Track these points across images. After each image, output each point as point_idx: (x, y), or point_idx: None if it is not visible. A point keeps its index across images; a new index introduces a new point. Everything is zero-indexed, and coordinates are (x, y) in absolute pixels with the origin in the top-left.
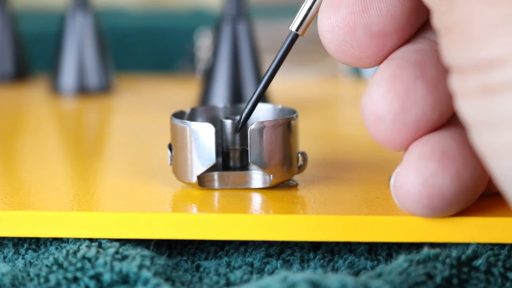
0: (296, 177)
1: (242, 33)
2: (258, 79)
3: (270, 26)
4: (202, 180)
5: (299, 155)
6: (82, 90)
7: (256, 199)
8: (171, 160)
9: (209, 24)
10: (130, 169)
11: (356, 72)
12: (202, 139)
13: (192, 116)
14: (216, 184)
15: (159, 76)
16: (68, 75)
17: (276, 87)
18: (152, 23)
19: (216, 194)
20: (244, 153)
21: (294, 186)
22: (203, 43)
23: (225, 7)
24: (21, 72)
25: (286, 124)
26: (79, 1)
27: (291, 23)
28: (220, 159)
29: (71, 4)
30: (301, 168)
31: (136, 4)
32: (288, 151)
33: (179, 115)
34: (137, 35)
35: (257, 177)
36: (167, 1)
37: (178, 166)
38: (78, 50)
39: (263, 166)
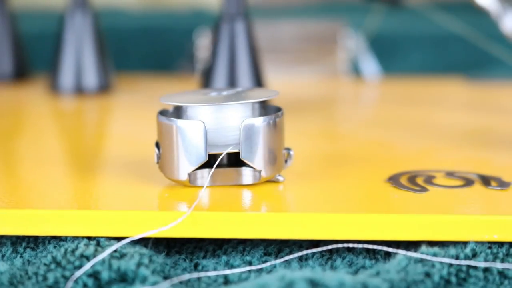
0: (296, 175)
1: (240, 33)
2: (257, 78)
3: (269, 26)
4: (193, 178)
5: (285, 151)
6: (81, 90)
7: (251, 196)
8: (157, 159)
9: (208, 24)
10: (128, 168)
11: (356, 71)
12: (192, 136)
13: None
14: (207, 182)
15: (159, 76)
16: (67, 75)
17: (276, 86)
18: (152, 23)
19: (211, 191)
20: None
21: (283, 182)
22: (202, 43)
23: (224, 7)
24: (21, 72)
25: (273, 121)
26: (79, 1)
27: None
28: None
29: (71, 4)
30: (287, 163)
31: (136, 4)
32: (277, 148)
33: (165, 112)
34: (137, 35)
35: (247, 173)
36: (167, 1)
37: (166, 164)
38: (77, 50)
39: (254, 163)
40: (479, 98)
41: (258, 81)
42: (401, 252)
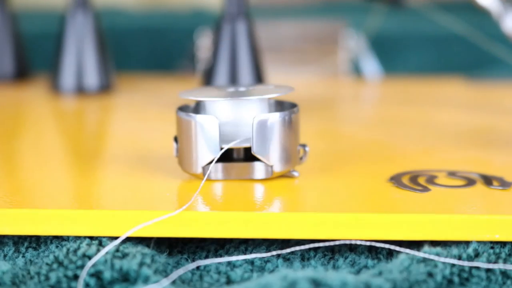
0: (298, 173)
1: (241, 33)
2: (258, 78)
3: (269, 26)
4: (207, 171)
5: (300, 147)
6: (82, 90)
7: (254, 194)
8: (176, 152)
9: (209, 24)
10: (130, 167)
11: (356, 71)
12: (207, 131)
13: (197, 110)
14: (220, 175)
15: (159, 76)
16: (68, 75)
17: None
18: (152, 23)
19: (217, 188)
20: None
21: (296, 178)
22: (203, 43)
23: (225, 7)
24: (21, 72)
25: (287, 117)
26: (79, 1)
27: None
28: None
29: (71, 4)
30: (302, 160)
31: (136, 4)
32: (290, 143)
33: (184, 108)
34: (137, 35)
35: (260, 168)
36: (167, 1)
37: (183, 157)
38: (78, 50)
39: (265, 157)
40: (480, 98)
41: (259, 81)
42: (405, 251)
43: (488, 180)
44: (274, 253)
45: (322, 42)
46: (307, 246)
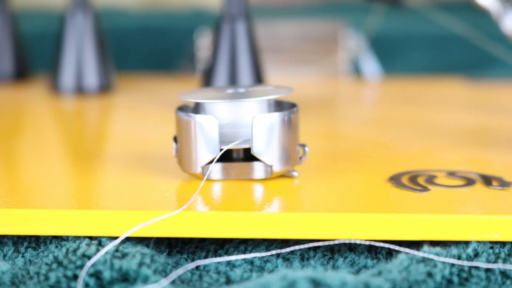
0: (297, 173)
1: (241, 33)
2: (257, 78)
3: (269, 26)
4: (207, 171)
5: (300, 147)
6: (82, 90)
7: (254, 194)
8: (176, 152)
9: (209, 24)
10: (129, 167)
11: (356, 71)
12: (207, 131)
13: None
14: (220, 175)
15: (159, 76)
16: (68, 75)
17: None
18: (152, 23)
19: (217, 188)
20: None
21: (295, 178)
22: (203, 43)
23: (225, 7)
24: (21, 72)
25: (287, 117)
26: (79, 1)
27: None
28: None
29: (71, 4)
30: (301, 160)
31: (136, 4)
32: (289, 143)
33: (184, 108)
34: (137, 35)
35: (259, 168)
36: (167, 1)
37: (183, 157)
38: (77, 50)
39: (265, 157)
40: (480, 98)
41: (259, 81)
42: (404, 250)
43: (487, 180)
44: (273, 252)
45: (322, 42)
46: (306, 246)
